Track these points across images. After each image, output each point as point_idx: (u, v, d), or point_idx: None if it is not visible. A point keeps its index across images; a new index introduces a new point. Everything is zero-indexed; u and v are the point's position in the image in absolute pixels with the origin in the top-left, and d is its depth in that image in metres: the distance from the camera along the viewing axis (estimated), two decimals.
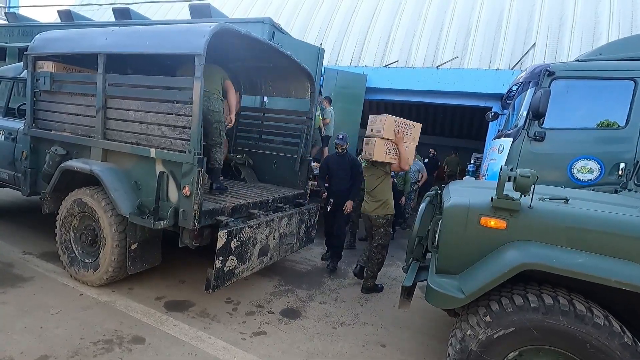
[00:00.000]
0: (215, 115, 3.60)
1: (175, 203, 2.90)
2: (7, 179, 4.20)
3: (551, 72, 3.94)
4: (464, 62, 8.65)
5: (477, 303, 1.97)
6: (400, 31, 9.79)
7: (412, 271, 2.58)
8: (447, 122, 13.31)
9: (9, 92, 4.49)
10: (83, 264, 3.32)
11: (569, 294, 1.88)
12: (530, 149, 3.93)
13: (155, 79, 3.22)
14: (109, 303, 3.06)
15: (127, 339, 2.61)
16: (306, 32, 10.63)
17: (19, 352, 2.33)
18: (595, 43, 7.50)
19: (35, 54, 3.70)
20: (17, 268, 3.50)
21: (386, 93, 9.15)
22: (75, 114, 3.51)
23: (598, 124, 3.85)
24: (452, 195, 2.28)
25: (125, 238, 3.10)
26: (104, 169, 3.17)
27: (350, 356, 2.72)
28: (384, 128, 3.53)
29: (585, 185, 3.68)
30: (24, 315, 2.74)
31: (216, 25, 2.78)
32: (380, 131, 3.55)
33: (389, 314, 3.45)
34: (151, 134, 3.04)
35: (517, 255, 1.86)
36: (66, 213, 3.40)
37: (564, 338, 1.75)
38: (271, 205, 3.74)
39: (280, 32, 6.03)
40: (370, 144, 3.65)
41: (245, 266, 3.16)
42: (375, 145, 3.56)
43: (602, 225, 1.85)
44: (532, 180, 1.87)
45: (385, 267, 4.81)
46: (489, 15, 9.13)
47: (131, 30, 3.38)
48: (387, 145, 3.61)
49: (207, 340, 2.70)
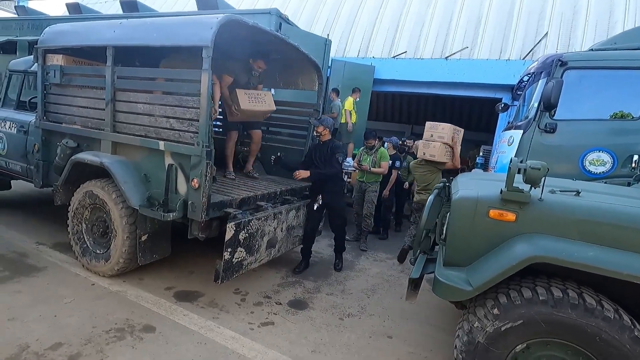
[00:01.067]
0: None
1: (184, 195, 2.92)
2: (20, 171, 4.28)
3: (564, 62, 3.85)
4: (474, 52, 8.49)
5: (485, 295, 1.96)
6: (408, 21, 9.64)
7: (419, 263, 2.57)
8: (455, 113, 13.12)
9: (20, 85, 4.55)
10: (95, 254, 3.38)
11: (579, 287, 1.86)
12: (541, 140, 3.86)
13: (163, 72, 3.23)
14: (120, 293, 3.12)
15: (138, 327, 2.66)
16: (313, 23, 10.53)
17: (35, 340, 2.39)
18: (610, 32, 7.29)
19: (45, 47, 3.73)
20: (31, 258, 3.59)
21: (394, 84, 9.05)
22: (85, 107, 3.54)
23: (611, 115, 3.76)
24: (460, 188, 2.26)
25: (136, 230, 3.15)
26: (113, 161, 3.20)
27: (357, 347, 2.74)
28: (447, 135, 4.41)
29: (597, 177, 3.61)
30: (39, 303, 2.82)
31: (223, 16, 2.77)
32: (443, 137, 4.42)
33: (395, 306, 3.46)
34: (160, 126, 3.06)
35: (527, 248, 1.84)
36: (78, 205, 3.46)
37: (573, 331, 1.74)
38: (279, 197, 3.75)
39: (287, 23, 5.99)
40: (431, 147, 4.45)
41: (253, 258, 3.19)
42: (438, 148, 4.40)
43: (614, 218, 1.82)
44: (542, 172, 1.84)
45: (392, 259, 4.84)
46: (500, 3, 8.93)
47: (139, 22, 3.38)
48: (445, 148, 4.46)
49: (216, 330, 2.74)
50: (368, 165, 5.04)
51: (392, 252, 5.09)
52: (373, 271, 4.32)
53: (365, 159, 5.12)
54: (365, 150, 5.23)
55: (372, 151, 5.13)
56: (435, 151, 4.42)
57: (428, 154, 4.48)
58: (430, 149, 4.46)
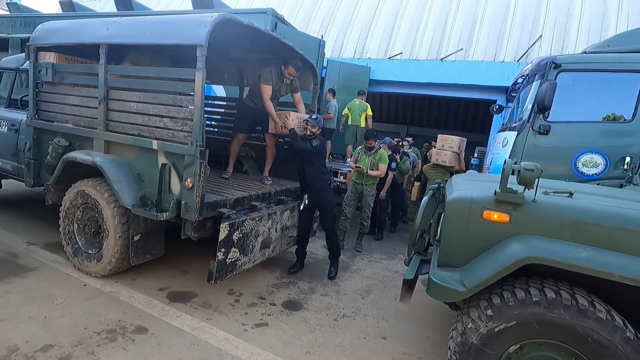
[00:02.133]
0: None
1: (177, 195, 2.90)
2: (10, 170, 4.22)
3: (558, 64, 3.89)
4: (469, 54, 8.54)
5: (479, 296, 1.97)
6: (404, 22, 9.67)
7: (413, 264, 2.58)
8: (450, 115, 13.19)
9: (11, 83, 4.49)
10: (87, 254, 3.34)
11: (572, 288, 1.87)
12: (534, 142, 3.89)
13: (156, 70, 3.20)
14: (112, 293, 3.08)
15: (130, 329, 2.63)
16: (309, 23, 10.53)
17: (24, 341, 2.35)
18: (603, 35, 7.38)
19: (37, 45, 3.69)
20: (22, 258, 3.53)
21: (390, 85, 9.08)
22: (78, 105, 3.50)
23: (604, 117, 3.80)
24: (455, 189, 2.27)
25: (128, 229, 3.11)
26: (106, 160, 3.17)
27: (351, 348, 2.74)
28: (456, 145, 5.78)
29: (590, 179, 3.65)
30: (29, 304, 2.77)
31: (218, 15, 2.75)
32: (452, 147, 5.78)
33: (390, 307, 3.46)
34: (153, 125, 3.03)
35: (520, 248, 1.85)
36: (69, 204, 3.42)
37: (566, 332, 1.75)
38: (273, 197, 3.74)
39: (282, 24, 5.97)
40: (443, 154, 5.78)
41: (247, 258, 3.17)
42: (449, 156, 5.74)
43: (607, 220, 1.83)
44: (536, 173, 1.85)
45: (386, 260, 4.84)
46: (495, 6, 8.99)
47: (133, 20, 3.35)
48: (454, 155, 5.77)
49: (210, 331, 2.72)
50: (365, 168, 4.86)
51: (386, 253, 5.10)
52: (368, 272, 4.32)
53: (364, 160, 4.91)
54: (363, 150, 5.01)
55: (371, 152, 4.92)
56: (447, 158, 5.76)
57: (440, 160, 5.82)
58: (442, 156, 5.80)
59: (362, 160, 4.94)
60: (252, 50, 4.26)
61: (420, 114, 13.64)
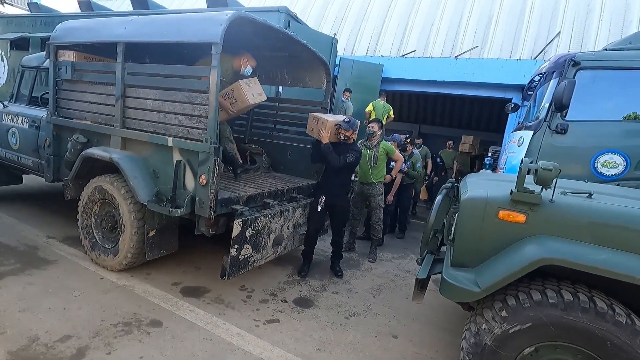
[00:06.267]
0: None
1: (192, 191, 2.94)
2: (31, 166, 4.34)
3: (576, 62, 3.78)
4: (484, 51, 8.39)
5: (493, 297, 1.94)
6: (418, 20, 9.56)
7: (426, 264, 2.56)
8: (465, 113, 13.01)
9: (32, 81, 4.61)
10: (103, 249, 3.42)
11: (589, 290, 1.83)
12: (551, 141, 3.80)
13: (172, 68, 3.24)
14: (127, 287, 3.15)
15: (145, 322, 2.69)
16: (322, 21, 10.50)
17: (44, 331, 2.43)
18: (624, 31, 7.15)
19: (56, 44, 3.78)
20: (42, 251, 3.64)
21: (403, 84, 8.99)
22: (96, 103, 3.58)
23: (625, 116, 3.69)
24: (469, 188, 2.24)
25: (144, 225, 3.17)
26: (123, 157, 3.23)
27: (362, 346, 2.74)
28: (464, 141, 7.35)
29: (609, 180, 3.55)
30: (49, 296, 2.86)
31: (233, 13, 2.77)
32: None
33: (401, 306, 3.44)
34: (169, 122, 3.07)
35: (537, 249, 1.81)
36: (87, 199, 3.50)
37: (583, 335, 1.71)
38: (285, 195, 3.75)
39: (296, 22, 5.98)
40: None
41: (260, 255, 3.20)
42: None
43: (628, 221, 1.78)
44: (554, 173, 1.81)
45: (398, 259, 4.82)
46: (511, 2, 8.80)
47: (149, 19, 3.41)
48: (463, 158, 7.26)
49: (222, 326, 2.76)
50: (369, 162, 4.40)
51: (398, 252, 5.07)
52: (379, 270, 4.31)
53: (365, 154, 4.37)
54: (364, 144, 4.47)
55: (372, 145, 4.40)
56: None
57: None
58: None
59: (363, 155, 4.36)
60: (263, 48, 4.27)
61: (433, 113, 13.49)
